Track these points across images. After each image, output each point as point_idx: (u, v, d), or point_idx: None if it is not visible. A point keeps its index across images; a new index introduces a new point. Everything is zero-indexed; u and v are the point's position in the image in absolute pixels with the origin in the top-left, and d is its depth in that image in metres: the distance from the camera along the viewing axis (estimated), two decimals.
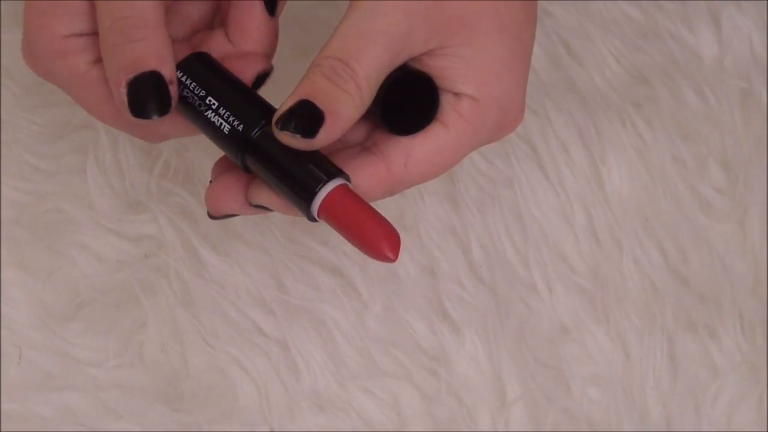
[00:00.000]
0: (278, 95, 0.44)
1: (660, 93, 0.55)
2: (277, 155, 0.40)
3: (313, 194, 0.39)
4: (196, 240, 0.52)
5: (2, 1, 0.58)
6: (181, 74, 0.41)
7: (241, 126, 0.40)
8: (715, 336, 0.51)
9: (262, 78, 0.42)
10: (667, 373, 0.50)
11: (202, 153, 0.54)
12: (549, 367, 0.51)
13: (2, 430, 0.49)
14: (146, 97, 0.39)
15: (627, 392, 0.50)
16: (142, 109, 0.39)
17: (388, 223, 0.39)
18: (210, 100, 0.41)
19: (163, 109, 0.39)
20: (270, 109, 0.40)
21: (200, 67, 0.41)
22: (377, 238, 0.39)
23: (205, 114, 0.40)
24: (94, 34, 0.41)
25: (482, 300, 0.52)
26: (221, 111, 0.40)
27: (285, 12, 0.51)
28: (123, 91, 0.39)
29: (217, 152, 0.54)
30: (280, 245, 0.53)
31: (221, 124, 0.40)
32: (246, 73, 0.42)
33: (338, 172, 0.39)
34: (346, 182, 0.39)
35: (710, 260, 0.52)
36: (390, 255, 0.39)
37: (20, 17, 0.57)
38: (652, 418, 0.50)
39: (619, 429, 0.49)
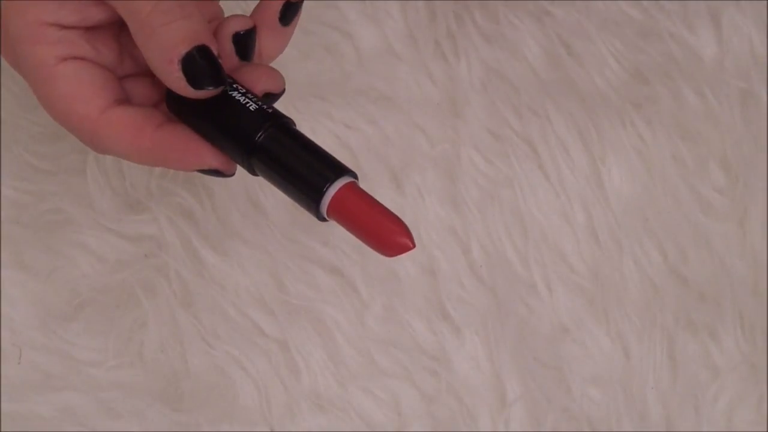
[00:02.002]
0: (281, 99, 0.44)
1: (660, 93, 0.56)
2: (283, 157, 0.39)
3: (321, 194, 0.39)
4: (196, 240, 0.52)
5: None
6: None
7: (270, 109, 0.40)
8: (715, 336, 0.51)
9: (271, 98, 0.42)
10: (667, 373, 0.50)
11: None
12: (549, 367, 0.51)
13: (2, 430, 0.50)
14: (202, 70, 0.39)
15: (627, 392, 0.50)
16: (199, 81, 0.39)
17: (398, 217, 0.39)
18: (235, 85, 0.40)
19: (218, 81, 0.40)
20: (275, 113, 0.40)
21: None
22: (390, 232, 0.38)
23: (230, 93, 0.40)
24: (74, 28, 0.41)
25: (482, 300, 0.52)
26: (249, 95, 0.40)
27: None
28: (177, 68, 0.39)
29: None
30: (280, 245, 0.53)
31: (247, 102, 0.40)
32: (254, 88, 0.42)
33: (345, 170, 0.39)
34: (354, 179, 0.39)
35: (710, 260, 0.52)
36: (408, 243, 0.38)
37: None
38: (652, 418, 0.50)
39: (619, 429, 0.50)
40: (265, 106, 0.40)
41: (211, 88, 0.40)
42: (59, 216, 0.54)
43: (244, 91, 0.40)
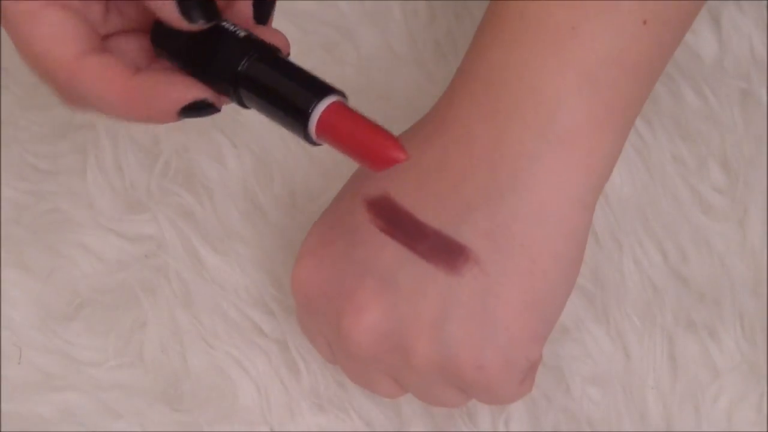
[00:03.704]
0: None
1: (660, 93, 0.56)
2: (268, 83, 0.39)
3: (307, 115, 0.38)
4: (196, 240, 0.52)
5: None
6: None
7: (257, 39, 0.39)
8: (715, 336, 0.51)
9: None
10: (667, 373, 0.50)
11: (202, 153, 0.54)
12: (549, 367, 0.51)
13: (2, 430, 0.50)
14: (196, 3, 0.38)
15: (627, 392, 0.50)
16: (194, 14, 0.38)
17: (387, 131, 0.38)
18: (225, 19, 0.40)
19: (212, 15, 0.39)
20: (256, 41, 0.40)
21: None
22: (381, 145, 0.38)
23: (222, 24, 0.40)
24: None
25: None
26: (239, 27, 0.40)
27: (284, 14, 0.50)
28: (173, 2, 0.38)
29: (216, 153, 0.54)
30: (280, 245, 0.53)
31: (236, 30, 0.39)
32: None
33: (331, 90, 0.39)
34: (341, 98, 0.39)
35: (710, 260, 0.52)
36: (400, 155, 0.38)
37: None
38: (652, 418, 0.50)
39: (619, 429, 0.50)
40: (253, 36, 0.39)
41: (203, 21, 0.39)
42: (59, 216, 0.54)
43: (233, 24, 0.40)
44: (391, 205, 0.42)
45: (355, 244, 0.43)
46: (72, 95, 0.40)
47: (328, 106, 0.38)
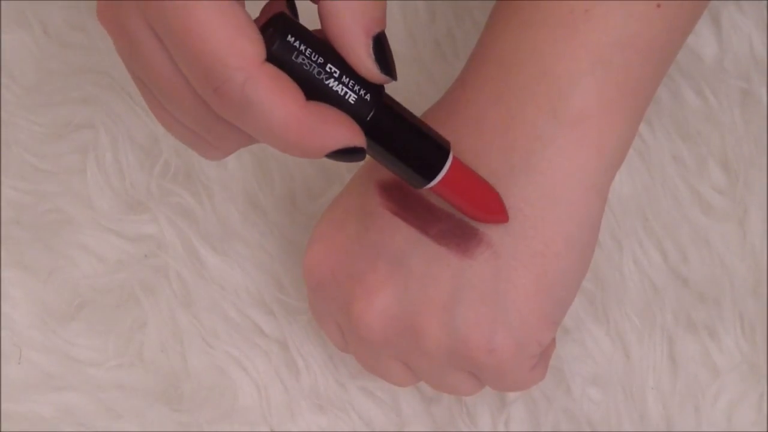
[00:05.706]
0: None
1: (660, 93, 0.55)
2: (392, 137, 0.38)
3: (434, 174, 0.38)
4: (196, 240, 0.52)
5: (2, 1, 0.58)
6: (293, 39, 0.35)
7: (369, 95, 0.36)
8: (715, 336, 0.51)
9: (381, 42, 0.36)
10: (667, 373, 0.50)
11: None
12: (549, 367, 0.51)
13: (2, 430, 0.50)
14: (389, 54, 0.36)
15: (627, 392, 0.50)
16: (389, 68, 0.36)
17: (494, 191, 0.40)
18: (330, 68, 0.36)
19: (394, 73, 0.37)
20: (373, 85, 0.37)
21: (297, 29, 0.36)
22: (491, 204, 0.40)
23: (326, 83, 0.36)
24: None
25: None
26: (344, 79, 0.36)
27: None
28: (370, 48, 0.36)
29: None
30: (280, 245, 0.53)
31: (346, 93, 0.36)
32: (357, 33, 0.36)
33: (447, 144, 0.39)
34: (452, 152, 0.39)
35: (710, 260, 0.52)
36: (503, 218, 0.40)
37: (20, 17, 0.57)
38: (652, 418, 0.50)
39: (619, 429, 0.50)
40: (366, 96, 0.36)
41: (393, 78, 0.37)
42: (59, 216, 0.54)
43: (339, 74, 0.36)
44: (403, 189, 0.42)
45: (367, 228, 0.43)
46: (233, 101, 0.35)
47: (451, 165, 0.39)
